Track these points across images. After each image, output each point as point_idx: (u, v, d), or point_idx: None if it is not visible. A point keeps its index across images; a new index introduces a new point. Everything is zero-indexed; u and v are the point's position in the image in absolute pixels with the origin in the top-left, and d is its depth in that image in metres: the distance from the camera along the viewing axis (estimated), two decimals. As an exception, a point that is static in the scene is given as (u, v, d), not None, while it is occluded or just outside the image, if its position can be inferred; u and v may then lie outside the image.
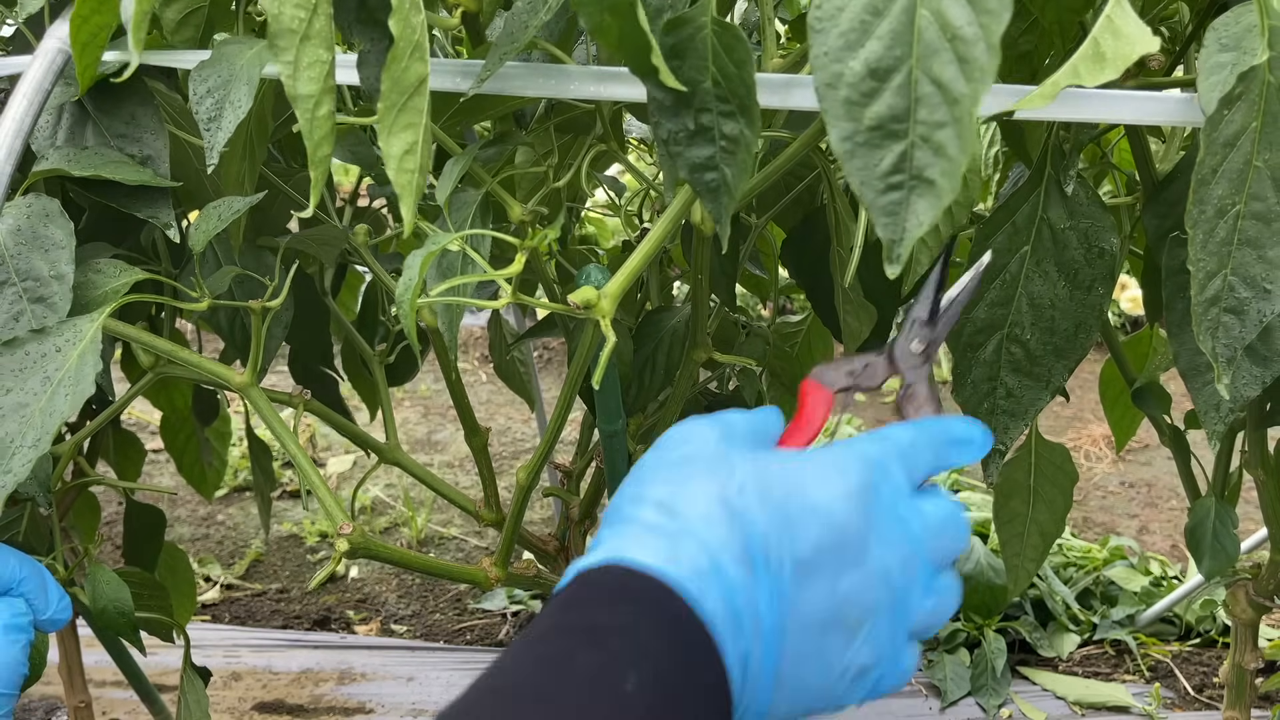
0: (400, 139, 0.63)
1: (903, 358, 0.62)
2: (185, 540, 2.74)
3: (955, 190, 0.51)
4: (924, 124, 0.52)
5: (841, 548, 0.54)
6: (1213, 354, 0.57)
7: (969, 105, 0.51)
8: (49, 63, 0.75)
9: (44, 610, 0.67)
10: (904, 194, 0.52)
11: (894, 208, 0.53)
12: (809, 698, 0.55)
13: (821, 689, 0.55)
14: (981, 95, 0.50)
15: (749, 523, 0.53)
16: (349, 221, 1.40)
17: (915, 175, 0.52)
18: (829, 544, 0.53)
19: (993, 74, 0.50)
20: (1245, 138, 0.55)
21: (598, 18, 0.60)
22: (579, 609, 0.50)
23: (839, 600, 0.54)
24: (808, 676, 0.54)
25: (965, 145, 0.51)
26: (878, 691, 0.57)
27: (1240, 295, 0.57)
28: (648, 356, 1.02)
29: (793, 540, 0.53)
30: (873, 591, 0.54)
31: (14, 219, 0.70)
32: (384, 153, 0.64)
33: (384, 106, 0.62)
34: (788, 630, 0.53)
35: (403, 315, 0.60)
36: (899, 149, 0.52)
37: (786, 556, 0.53)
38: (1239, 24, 0.59)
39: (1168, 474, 2.93)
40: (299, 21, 0.62)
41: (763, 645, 0.52)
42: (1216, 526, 1.17)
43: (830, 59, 0.52)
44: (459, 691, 0.51)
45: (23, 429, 0.64)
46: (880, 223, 0.53)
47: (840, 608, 0.54)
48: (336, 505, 0.79)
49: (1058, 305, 0.80)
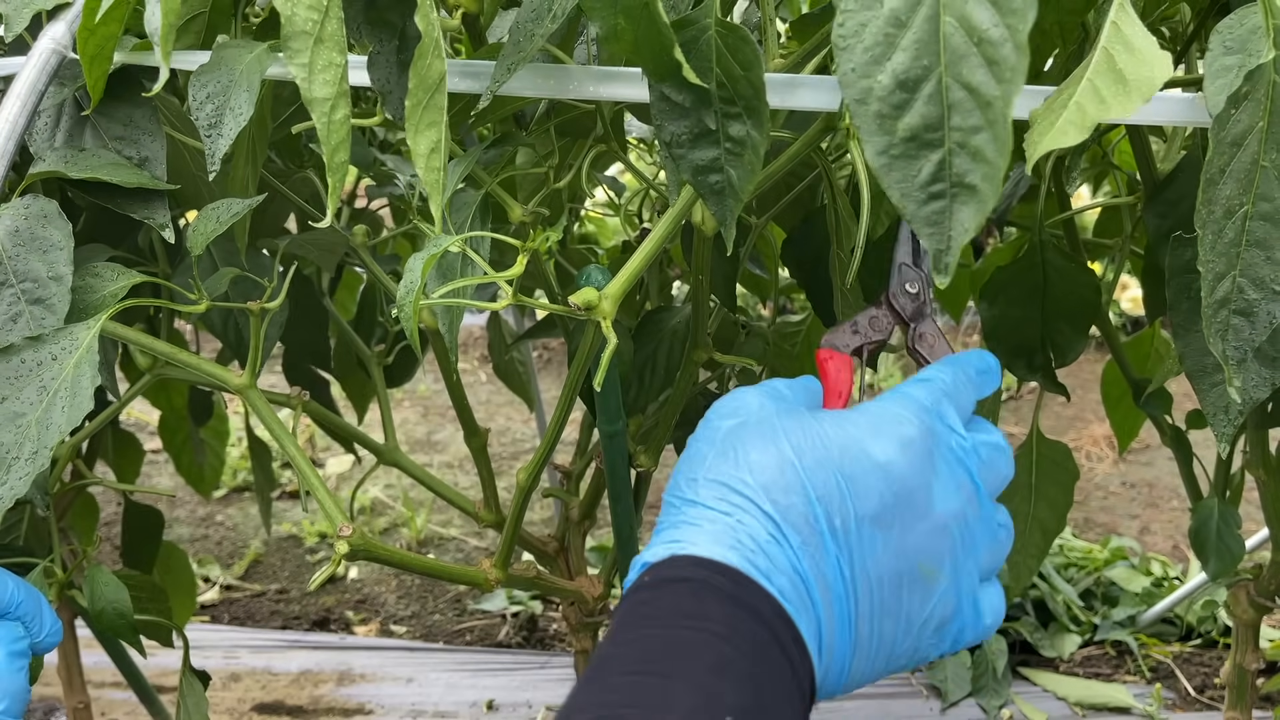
0: (426, 136, 0.63)
1: (900, 302, 0.64)
2: (184, 541, 2.73)
3: (997, 194, 0.50)
4: (959, 130, 0.51)
5: (908, 499, 0.53)
6: (1223, 356, 0.57)
7: (1002, 107, 0.50)
8: (43, 64, 0.74)
9: (39, 633, 0.67)
10: (946, 203, 0.52)
11: (937, 217, 0.52)
12: (892, 656, 0.54)
13: (904, 646, 0.54)
14: (1014, 96, 0.50)
15: (808, 488, 0.52)
16: (347, 222, 1.40)
17: (956, 182, 0.51)
18: (894, 498, 0.53)
19: (1024, 73, 0.50)
20: (1253, 137, 0.54)
21: (611, 21, 0.59)
22: (649, 606, 0.50)
23: (911, 553, 0.53)
24: (888, 634, 0.53)
25: (1003, 148, 0.50)
26: (960, 643, 0.56)
27: (1250, 297, 0.57)
28: (648, 357, 1.02)
29: (856, 499, 0.52)
30: (943, 538, 0.54)
31: (12, 220, 0.70)
32: (412, 150, 0.63)
33: (411, 104, 0.62)
34: (860, 591, 0.52)
35: (404, 319, 0.60)
36: (936, 158, 0.51)
37: (851, 517, 0.52)
38: (1243, 25, 0.59)
39: (1169, 474, 2.93)
40: (312, 24, 0.61)
41: (837, 609, 0.51)
42: (1220, 527, 1.17)
43: (858, 75, 0.52)
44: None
45: (19, 439, 0.64)
46: (924, 233, 0.52)
47: (913, 560, 0.53)
48: (335, 506, 0.79)
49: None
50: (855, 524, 0.52)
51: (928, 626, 0.54)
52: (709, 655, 0.47)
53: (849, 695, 1.98)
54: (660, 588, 0.50)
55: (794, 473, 0.52)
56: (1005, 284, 1.02)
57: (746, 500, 0.52)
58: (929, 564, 0.53)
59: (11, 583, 0.66)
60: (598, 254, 1.61)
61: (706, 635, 0.47)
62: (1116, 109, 0.53)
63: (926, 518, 0.53)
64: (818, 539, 0.51)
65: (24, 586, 0.67)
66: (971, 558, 0.55)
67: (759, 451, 0.53)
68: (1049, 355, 1.02)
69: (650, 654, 0.47)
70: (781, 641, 0.49)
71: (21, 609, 0.66)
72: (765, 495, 0.52)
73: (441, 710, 1.96)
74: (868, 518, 0.52)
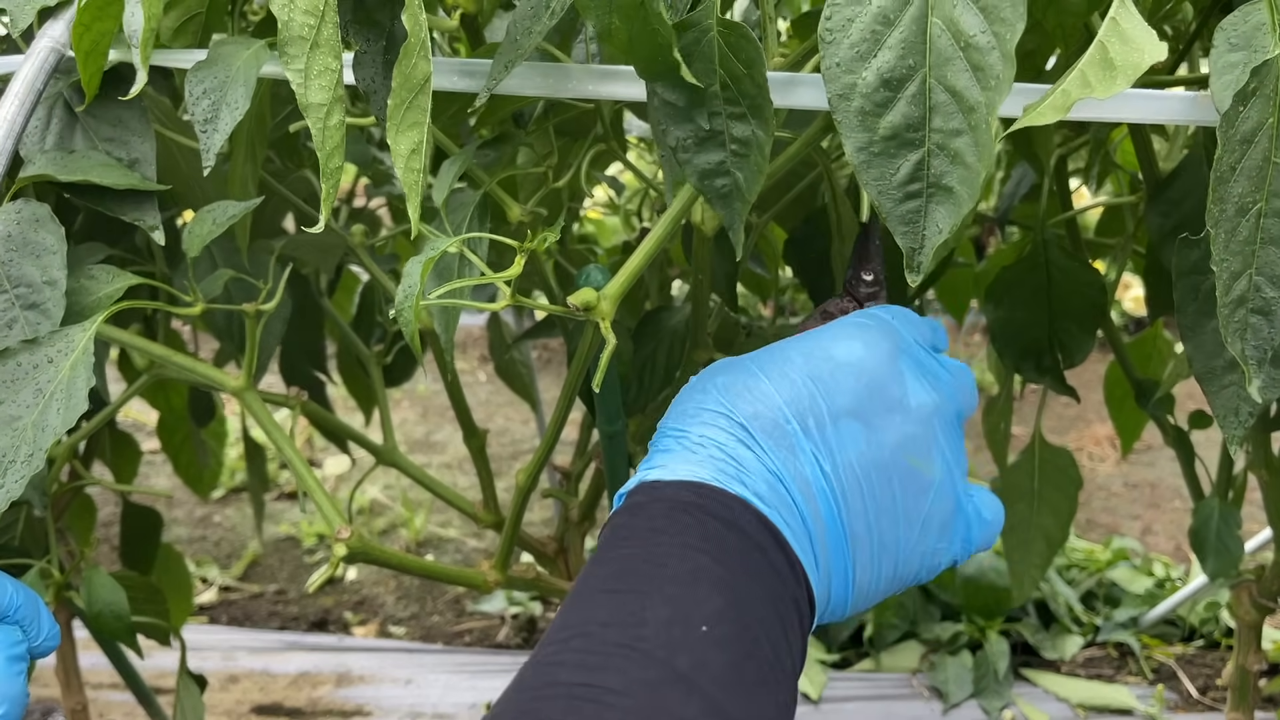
0: (408, 137, 0.62)
1: (860, 291, 0.66)
2: (182, 541, 2.73)
3: (974, 197, 0.51)
4: (940, 132, 0.52)
5: (880, 391, 0.54)
6: (1242, 356, 0.56)
7: (985, 113, 0.51)
8: (41, 62, 0.74)
9: (37, 637, 0.66)
10: (921, 202, 0.52)
11: (912, 216, 0.53)
12: (900, 560, 0.54)
13: (910, 548, 0.54)
14: (998, 103, 0.50)
15: (774, 395, 0.54)
16: (345, 222, 1.39)
17: (933, 183, 0.52)
18: (865, 390, 0.54)
19: (1009, 83, 0.51)
20: (1263, 134, 0.54)
21: (606, 20, 0.59)
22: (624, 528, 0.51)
23: (895, 444, 0.54)
24: (888, 534, 0.54)
25: (983, 153, 0.51)
26: (970, 544, 0.56)
27: (1267, 295, 0.56)
28: (648, 357, 1.02)
29: (827, 397, 0.54)
30: (927, 429, 0.55)
31: (4, 225, 0.69)
32: (392, 150, 0.63)
33: (394, 103, 0.61)
34: (847, 485, 0.53)
35: (404, 323, 0.59)
36: (915, 158, 0.52)
37: (824, 414, 0.53)
38: (1247, 22, 0.58)
39: (1171, 475, 2.93)
40: (308, 29, 0.61)
41: (824, 508, 0.52)
42: (1220, 527, 1.16)
43: (842, 70, 0.52)
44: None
45: (15, 443, 0.63)
46: (898, 232, 0.53)
47: (898, 452, 0.54)
48: (333, 508, 0.78)
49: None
50: (830, 420, 0.53)
51: (930, 525, 0.55)
52: (682, 566, 0.48)
53: (850, 697, 1.98)
54: (635, 511, 0.52)
55: (759, 384, 0.54)
56: (1010, 285, 1.01)
57: (717, 416, 0.54)
58: (916, 455, 0.54)
59: (10, 586, 0.65)
60: (597, 254, 1.60)
61: (679, 547, 0.48)
62: (1100, 91, 0.53)
63: (903, 409, 0.55)
64: (789, 439, 0.53)
65: (22, 590, 0.66)
66: (959, 456, 0.56)
67: (726, 375, 0.56)
68: (1056, 356, 1.02)
69: (626, 572, 0.48)
70: (761, 545, 0.50)
71: (20, 613, 0.66)
72: (734, 410, 0.54)
73: (440, 711, 1.95)
74: (842, 412, 0.53)
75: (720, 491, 0.51)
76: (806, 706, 1.96)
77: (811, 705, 1.96)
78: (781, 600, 0.49)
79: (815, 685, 1.99)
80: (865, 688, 2.02)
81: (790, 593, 0.50)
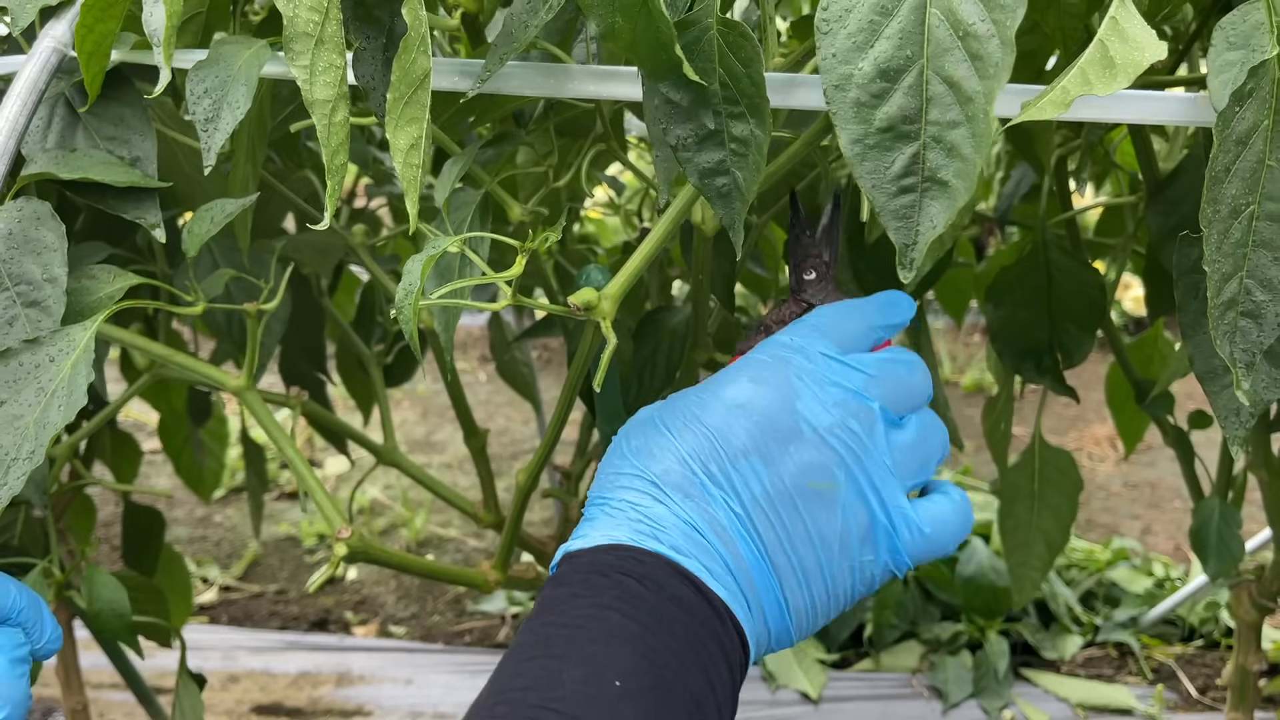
0: (406, 132, 0.62)
1: (804, 293, 0.67)
2: (183, 541, 2.73)
3: (970, 191, 0.50)
4: (936, 124, 0.51)
5: (772, 427, 0.56)
6: (1231, 359, 0.56)
7: (983, 103, 0.50)
8: (43, 63, 0.74)
9: (39, 640, 0.66)
10: (916, 196, 0.52)
11: (906, 211, 0.52)
12: (831, 579, 0.56)
13: (837, 567, 0.56)
14: (996, 92, 0.50)
15: (678, 448, 0.56)
16: (346, 222, 1.39)
17: (928, 177, 0.51)
18: (758, 429, 0.55)
19: (1008, 70, 0.50)
20: (1258, 136, 0.54)
21: (609, 19, 0.59)
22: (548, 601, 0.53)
23: (795, 473, 0.55)
24: (809, 558, 0.55)
25: (980, 145, 0.50)
26: (899, 552, 0.57)
27: (1257, 298, 0.56)
28: (648, 357, 1.02)
29: (723, 442, 0.55)
30: (825, 452, 0.55)
31: (5, 224, 0.69)
32: (391, 145, 0.63)
33: (393, 98, 0.61)
34: (759, 522, 0.54)
35: (404, 322, 0.59)
36: (911, 150, 0.52)
37: (725, 459, 0.55)
38: (1246, 22, 0.58)
39: (1171, 475, 2.93)
40: (314, 25, 0.61)
41: (744, 547, 0.54)
42: (1221, 527, 1.16)
43: (838, 60, 0.52)
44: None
45: (18, 441, 0.63)
46: (892, 227, 0.52)
47: (800, 480, 0.55)
48: (334, 508, 0.78)
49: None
50: (730, 462, 0.55)
51: (849, 540, 0.55)
52: (599, 628, 0.50)
53: (849, 697, 1.98)
54: (558, 581, 0.54)
55: (665, 440, 0.56)
56: (1010, 285, 1.01)
57: (633, 479, 0.56)
58: (816, 478, 0.55)
59: (13, 588, 0.65)
60: (597, 254, 1.60)
61: (595, 608, 0.51)
62: (1100, 88, 0.53)
63: (798, 438, 0.55)
64: (698, 488, 0.54)
65: (25, 592, 0.66)
66: (875, 465, 0.56)
67: (638, 437, 0.58)
68: (1056, 357, 1.02)
69: (546, 640, 0.51)
70: (676, 595, 0.51)
71: (23, 615, 0.66)
72: (646, 470, 0.56)
73: (441, 711, 1.95)
74: (739, 453, 0.55)
75: (636, 549, 0.53)
76: (806, 706, 1.96)
77: (811, 705, 1.96)
78: (703, 646, 0.51)
79: (815, 685, 1.99)
80: (865, 687, 2.02)
81: (713, 637, 0.51)
